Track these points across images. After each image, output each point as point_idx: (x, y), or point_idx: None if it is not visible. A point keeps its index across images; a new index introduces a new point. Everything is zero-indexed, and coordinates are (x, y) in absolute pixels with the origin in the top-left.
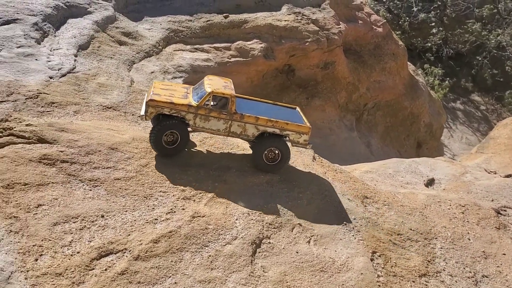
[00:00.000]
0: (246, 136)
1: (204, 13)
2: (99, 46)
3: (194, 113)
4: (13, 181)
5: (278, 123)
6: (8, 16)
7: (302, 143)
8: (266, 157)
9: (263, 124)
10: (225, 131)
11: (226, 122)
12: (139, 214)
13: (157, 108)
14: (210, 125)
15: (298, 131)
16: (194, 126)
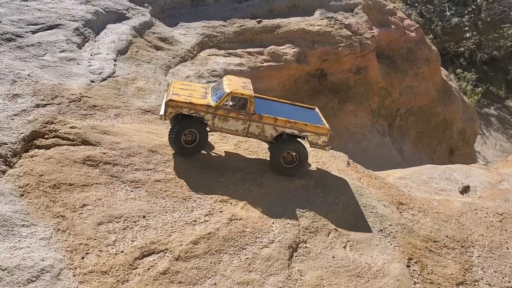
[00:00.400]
0: (264, 137)
1: (238, 18)
2: (137, 51)
3: (212, 113)
4: (59, 182)
5: (297, 124)
6: (51, 21)
7: (320, 145)
8: (283, 160)
9: (282, 125)
10: (243, 131)
11: (245, 123)
12: (178, 216)
13: (176, 108)
14: (229, 126)
15: (317, 132)
16: (213, 126)
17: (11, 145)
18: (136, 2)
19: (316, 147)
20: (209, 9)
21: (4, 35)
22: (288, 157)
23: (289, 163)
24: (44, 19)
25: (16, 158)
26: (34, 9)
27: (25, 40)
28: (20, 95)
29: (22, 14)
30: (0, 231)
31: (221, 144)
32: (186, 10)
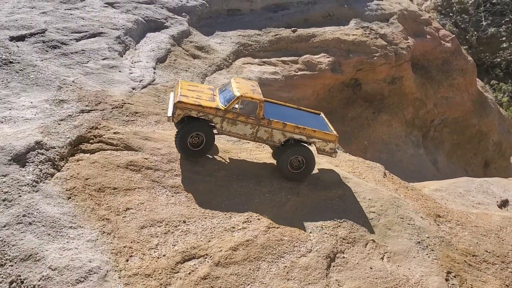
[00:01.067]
0: (272, 142)
1: (273, 27)
2: (175, 59)
3: (221, 116)
4: (104, 185)
5: (306, 130)
6: (94, 29)
7: (328, 151)
8: (290, 165)
9: (290, 130)
10: (251, 136)
11: (253, 127)
12: (217, 222)
13: (185, 110)
14: (237, 129)
15: (325, 139)
16: (221, 129)
17: (59, 149)
18: (174, 12)
19: (323, 154)
20: (244, 18)
21: (50, 42)
22: (295, 162)
23: (296, 168)
24: (87, 27)
25: (63, 161)
26: (77, 18)
27: (69, 48)
28: (66, 100)
29: (66, 22)
30: (49, 232)
31: (257, 152)
32: (222, 19)
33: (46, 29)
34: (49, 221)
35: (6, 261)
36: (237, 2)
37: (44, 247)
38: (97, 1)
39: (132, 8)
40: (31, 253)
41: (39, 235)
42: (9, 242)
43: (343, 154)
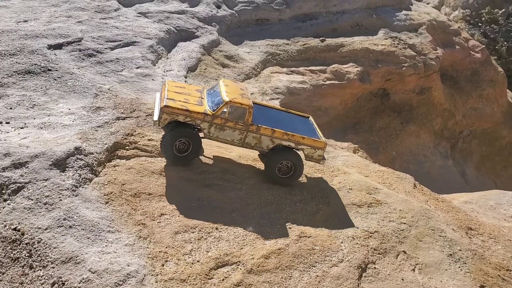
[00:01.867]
0: (260, 148)
1: (301, 37)
2: (205, 68)
3: (209, 122)
4: (139, 191)
5: (295, 137)
6: (128, 39)
7: (316, 158)
8: (279, 170)
9: (279, 137)
10: (239, 141)
11: (242, 133)
12: (249, 230)
13: (171, 115)
14: (225, 135)
15: (313, 146)
16: (208, 134)
17: (96, 155)
18: (204, 22)
19: (311, 160)
20: (273, 28)
21: (86, 50)
22: (284, 167)
23: (284, 173)
24: (122, 36)
25: (100, 167)
26: (112, 27)
27: (104, 56)
28: (102, 108)
29: (101, 31)
30: (89, 235)
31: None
32: (251, 29)
33: (82, 37)
34: (88, 225)
35: (48, 263)
36: (266, 12)
37: (84, 250)
38: (130, 11)
39: (164, 18)
40: (71, 256)
41: (79, 239)
42: (50, 245)
43: (372, 164)
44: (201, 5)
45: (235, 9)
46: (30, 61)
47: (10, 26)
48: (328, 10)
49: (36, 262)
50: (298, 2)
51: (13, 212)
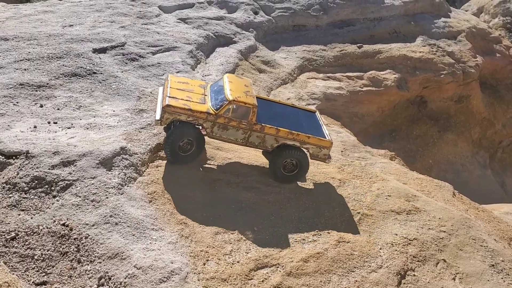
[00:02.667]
0: (264, 147)
1: (338, 43)
2: (242, 73)
3: (212, 121)
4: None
5: (299, 136)
6: (168, 44)
7: (321, 157)
8: (284, 168)
9: (284, 136)
10: (243, 140)
11: (245, 132)
12: (288, 233)
13: (174, 115)
14: (228, 134)
15: (319, 145)
16: (211, 134)
17: (141, 155)
18: (242, 27)
19: (316, 159)
20: (309, 34)
21: (129, 55)
22: (289, 165)
23: (289, 171)
24: (163, 41)
25: (144, 167)
26: (153, 32)
27: (146, 60)
28: (145, 110)
29: (143, 36)
30: (134, 232)
31: (324, 166)
32: (287, 34)
33: (125, 42)
34: (133, 222)
35: (95, 258)
36: (303, 18)
37: (129, 247)
38: (171, 16)
39: (203, 24)
40: (117, 252)
41: (125, 235)
42: (97, 240)
43: (410, 172)
44: (239, 11)
45: (272, 15)
46: (76, 64)
47: (56, 30)
48: (366, 16)
49: (84, 257)
50: (335, 9)
51: (61, 208)
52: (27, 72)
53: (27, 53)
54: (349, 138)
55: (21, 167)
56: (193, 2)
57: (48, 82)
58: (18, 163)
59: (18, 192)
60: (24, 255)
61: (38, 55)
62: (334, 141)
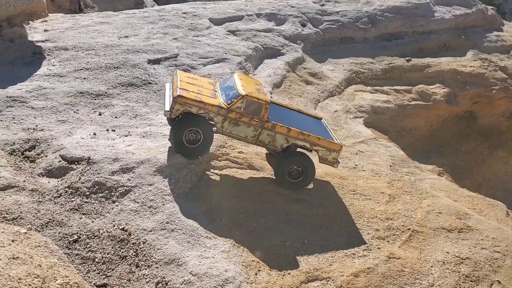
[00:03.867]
0: (273, 147)
1: (386, 55)
2: (290, 85)
3: (223, 115)
4: None
5: (310, 137)
6: (219, 56)
7: (330, 161)
8: (289, 175)
9: (294, 136)
10: (253, 138)
11: (256, 130)
12: (338, 246)
13: (185, 106)
14: (238, 131)
15: (329, 147)
16: (221, 129)
17: (194, 164)
18: (290, 39)
19: (325, 163)
20: (357, 47)
21: (181, 66)
22: (295, 172)
23: (294, 178)
24: (213, 53)
25: (197, 176)
26: (204, 44)
27: (197, 72)
28: None
29: (194, 48)
30: (189, 239)
31: (373, 180)
32: (335, 47)
33: (178, 54)
34: (188, 229)
35: (153, 263)
36: (350, 31)
37: (185, 253)
38: (220, 29)
39: (252, 36)
40: (173, 258)
41: (180, 242)
42: (155, 246)
43: (460, 189)
44: (287, 23)
45: (320, 27)
46: (133, 74)
47: (113, 41)
48: (415, 30)
49: (142, 261)
50: (383, 22)
51: (121, 213)
52: (86, 81)
53: (86, 63)
54: (397, 153)
55: (83, 173)
56: (242, 15)
57: (106, 91)
58: (80, 169)
59: (80, 196)
60: (85, 257)
61: (97, 64)
62: (383, 155)
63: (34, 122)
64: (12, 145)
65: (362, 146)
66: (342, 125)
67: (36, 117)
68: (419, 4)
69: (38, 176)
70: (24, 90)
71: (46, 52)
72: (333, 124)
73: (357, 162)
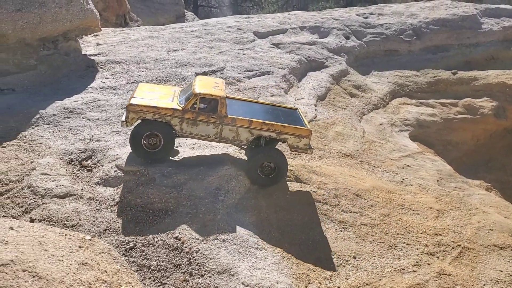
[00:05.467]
0: (239, 142)
1: (431, 68)
2: (334, 97)
3: (180, 117)
4: None
5: (274, 126)
6: (263, 68)
7: (302, 148)
8: (261, 171)
9: (258, 127)
10: (215, 136)
11: (216, 127)
12: (386, 261)
13: (138, 113)
14: (199, 131)
15: (297, 134)
16: (181, 131)
17: (242, 176)
18: (334, 52)
19: (298, 151)
20: (401, 59)
21: (228, 79)
22: (267, 167)
23: (266, 174)
24: (258, 66)
25: (245, 187)
26: (249, 57)
27: (243, 84)
28: None
29: (240, 61)
30: (240, 250)
31: (421, 195)
32: (379, 59)
33: (224, 67)
34: (239, 240)
35: (205, 272)
36: (395, 44)
37: (236, 264)
38: (265, 42)
39: (296, 49)
40: (226, 268)
41: (232, 252)
42: (207, 255)
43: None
44: (331, 36)
45: (363, 40)
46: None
47: (162, 55)
48: (461, 42)
49: (195, 270)
50: (429, 34)
51: (174, 222)
52: None
53: (137, 76)
54: (444, 167)
55: (137, 183)
56: (286, 28)
57: None
58: (134, 179)
59: (135, 205)
60: (141, 265)
61: (148, 77)
62: (429, 169)
63: (90, 132)
64: (70, 154)
65: (408, 160)
66: (387, 138)
67: (92, 128)
68: (465, 16)
69: (95, 185)
70: (80, 102)
71: (99, 65)
72: (379, 137)
73: (404, 176)
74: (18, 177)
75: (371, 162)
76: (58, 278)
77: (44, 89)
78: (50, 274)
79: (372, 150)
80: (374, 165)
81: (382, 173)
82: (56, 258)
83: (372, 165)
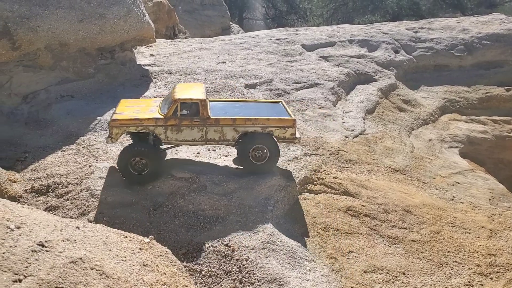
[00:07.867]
0: (226, 141)
1: (483, 84)
2: (383, 111)
3: (163, 125)
4: (328, 225)
5: (258, 120)
6: (311, 81)
7: (289, 138)
8: (252, 157)
9: (242, 124)
10: (201, 139)
11: (201, 130)
12: (437, 279)
13: (122, 128)
14: (184, 136)
15: (281, 125)
16: (166, 140)
17: (291, 187)
18: (383, 66)
19: (286, 142)
20: (452, 74)
21: (275, 90)
22: (257, 153)
23: (259, 159)
24: (306, 78)
25: (293, 199)
26: (297, 69)
27: (291, 96)
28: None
29: (288, 73)
30: (289, 261)
31: (472, 213)
32: (428, 74)
33: (272, 79)
34: (288, 250)
35: (255, 280)
36: (445, 59)
37: (286, 274)
38: (313, 54)
39: (344, 62)
40: (275, 277)
41: (281, 262)
42: (257, 264)
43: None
44: (380, 49)
45: (413, 54)
46: (231, 98)
47: (212, 66)
48: None
49: (245, 278)
50: (481, 49)
51: (224, 229)
52: None
53: None
54: (497, 186)
55: (189, 190)
56: (334, 41)
57: None
58: (187, 185)
59: (187, 212)
60: (193, 270)
61: None
62: (481, 188)
63: None
64: None
65: (458, 177)
66: (437, 154)
67: None
68: None
69: (148, 189)
70: None
71: (153, 75)
72: (428, 153)
73: (455, 194)
74: (77, 180)
75: (420, 178)
76: (123, 278)
77: (101, 96)
78: (116, 273)
79: (421, 166)
80: (423, 181)
81: (431, 189)
82: (120, 258)
83: (421, 181)
